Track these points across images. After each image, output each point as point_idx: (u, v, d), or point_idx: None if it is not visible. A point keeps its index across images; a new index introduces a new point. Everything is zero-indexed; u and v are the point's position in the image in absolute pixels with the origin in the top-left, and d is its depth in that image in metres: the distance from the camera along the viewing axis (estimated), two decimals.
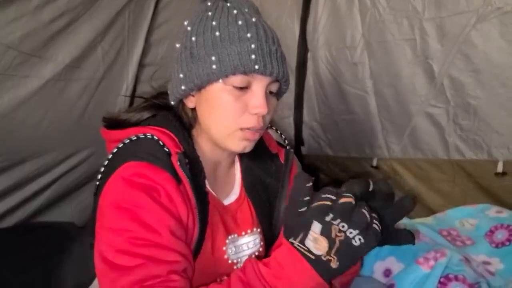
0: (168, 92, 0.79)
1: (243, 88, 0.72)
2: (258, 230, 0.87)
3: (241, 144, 0.76)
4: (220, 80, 0.71)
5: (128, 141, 0.73)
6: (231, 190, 0.88)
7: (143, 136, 0.73)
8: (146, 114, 0.80)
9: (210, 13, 0.73)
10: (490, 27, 1.32)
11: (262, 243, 0.88)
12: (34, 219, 1.42)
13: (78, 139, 1.44)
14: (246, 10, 0.74)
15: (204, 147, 0.81)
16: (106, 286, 0.65)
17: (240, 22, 0.71)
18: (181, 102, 0.80)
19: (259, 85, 0.72)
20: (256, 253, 0.87)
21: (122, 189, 0.67)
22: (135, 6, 1.40)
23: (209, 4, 0.75)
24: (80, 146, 1.46)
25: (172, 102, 0.79)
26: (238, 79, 0.71)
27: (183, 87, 0.74)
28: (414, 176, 1.73)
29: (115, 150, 0.73)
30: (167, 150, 0.71)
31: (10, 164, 1.24)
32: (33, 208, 1.39)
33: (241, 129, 0.74)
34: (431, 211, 1.60)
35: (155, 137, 0.72)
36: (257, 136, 0.77)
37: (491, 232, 1.25)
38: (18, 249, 1.23)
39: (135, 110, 0.81)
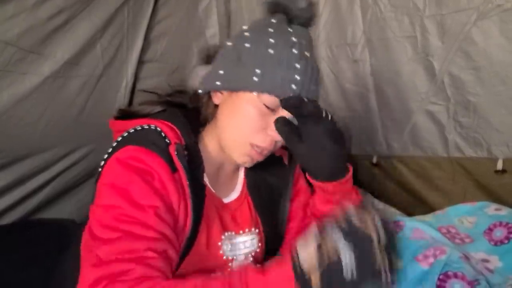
0: (200, 80, 0.81)
1: (271, 109, 0.75)
2: (257, 230, 0.89)
3: (244, 158, 0.78)
4: (255, 93, 0.73)
5: (133, 130, 0.75)
6: (233, 189, 0.89)
7: (147, 127, 0.75)
8: (156, 108, 0.82)
9: (271, 30, 0.75)
10: (490, 24, 1.31)
11: (260, 244, 0.89)
12: (34, 216, 1.43)
13: (78, 136, 1.44)
14: (303, 42, 0.76)
15: (211, 147, 0.82)
16: (84, 255, 0.67)
17: (294, 51, 0.74)
18: (208, 95, 0.82)
19: (285, 113, 0.75)
20: (253, 253, 0.88)
21: (117, 170, 0.70)
22: (134, 3, 1.40)
23: (273, 21, 0.77)
24: (80, 143, 1.46)
25: (200, 91, 0.81)
26: (270, 99, 0.73)
27: (218, 83, 0.76)
28: (413, 174, 1.72)
29: (119, 139, 0.75)
30: (167, 141, 0.73)
31: (9, 161, 1.24)
32: (33, 205, 1.40)
33: (251, 145, 0.76)
34: (430, 209, 1.60)
35: (158, 128, 0.74)
36: (261, 158, 0.79)
37: (490, 230, 1.25)
38: (18, 246, 1.23)
39: (148, 103, 0.83)
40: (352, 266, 0.52)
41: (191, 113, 0.83)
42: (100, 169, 0.75)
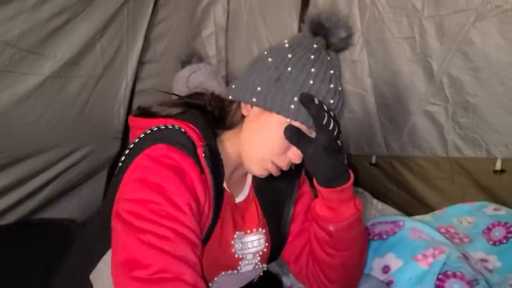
0: (234, 86, 0.81)
1: None
2: (263, 230, 0.91)
3: (262, 172, 0.81)
4: (288, 120, 0.75)
5: (156, 128, 0.75)
6: (242, 190, 0.91)
7: (171, 127, 0.75)
8: (176, 110, 0.82)
9: (312, 57, 0.77)
10: (489, 25, 1.32)
11: (266, 244, 0.90)
12: (35, 216, 1.43)
13: (78, 136, 1.44)
14: (338, 73, 0.79)
15: (230, 151, 0.84)
16: (126, 240, 0.66)
17: (331, 86, 0.76)
18: (238, 103, 0.82)
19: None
20: (260, 253, 0.89)
21: (150, 166, 0.70)
22: (134, 3, 1.40)
23: (315, 46, 0.78)
24: (80, 143, 1.46)
25: (230, 97, 0.81)
26: (300, 127, 0.76)
27: (254, 100, 0.77)
28: (412, 174, 1.73)
29: (142, 135, 0.75)
30: (192, 142, 0.74)
31: (10, 161, 1.24)
32: (33, 205, 1.40)
33: (272, 162, 0.78)
34: (429, 209, 1.61)
35: (182, 129, 0.75)
36: (277, 173, 0.81)
37: (489, 229, 1.25)
38: (18, 246, 1.23)
39: (167, 104, 0.84)
40: None
41: (209, 115, 0.84)
42: (120, 164, 0.76)
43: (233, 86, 0.82)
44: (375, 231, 1.19)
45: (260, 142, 0.78)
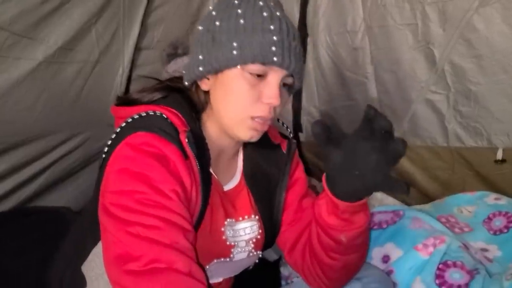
0: (184, 72, 0.81)
1: (259, 77, 0.74)
2: (256, 217, 0.89)
3: (249, 133, 0.77)
4: (238, 66, 0.73)
5: (137, 116, 0.74)
6: (232, 177, 0.89)
7: (152, 113, 0.74)
8: (157, 95, 0.81)
9: (236, 2, 0.75)
10: (492, 11, 1.29)
11: (260, 231, 0.89)
12: (30, 204, 1.41)
13: (74, 123, 1.42)
14: (271, 4, 0.76)
15: (212, 132, 0.82)
16: (114, 234, 0.65)
17: (265, 14, 0.73)
18: (194, 84, 0.81)
19: (274, 77, 0.74)
20: (254, 240, 0.88)
21: (132, 155, 0.68)
22: None
23: None
24: (76, 130, 1.44)
25: (186, 83, 0.81)
26: (255, 68, 0.73)
27: (200, 69, 0.76)
28: (412, 163, 1.72)
29: (123, 124, 0.74)
30: (175, 128, 0.72)
31: (5, 148, 1.22)
32: (29, 193, 1.38)
33: (252, 117, 0.75)
34: (429, 199, 1.60)
35: (164, 115, 0.73)
36: (265, 127, 0.78)
37: (489, 219, 1.25)
38: (14, 234, 1.22)
39: (147, 90, 0.82)
40: None
41: (192, 99, 0.82)
42: (104, 155, 0.74)
43: (184, 72, 0.81)
44: (375, 220, 1.18)
45: (230, 104, 0.76)
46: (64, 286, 0.85)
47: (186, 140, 0.71)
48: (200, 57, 0.76)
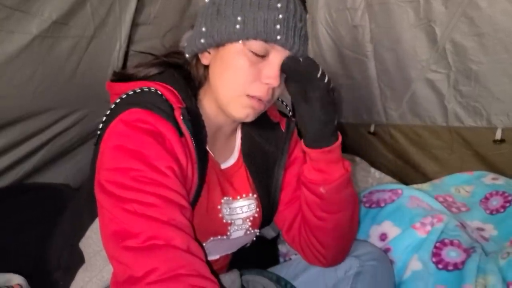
0: (185, 44, 0.79)
1: (260, 56, 0.72)
2: (254, 195, 0.89)
3: (245, 111, 0.76)
4: (240, 41, 0.72)
5: (132, 92, 0.73)
6: (230, 155, 0.88)
7: (147, 89, 0.73)
8: (153, 70, 0.79)
9: None
10: None
11: (258, 209, 0.89)
12: (29, 180, 1.41)
13: (71, 100, 1.40)
14: None
15: (208, 109, 0.80)
16: (111, 211, 0.65)
17: None
18: (195, 57, 0.80)
19: (276, 56, 0.73)
20: (251, 218, 0.88)
21: (126, 132, 0.67)
22: None
23: None
24: (74, 106, 1.42)
25: (187, 55, 0.79)
26: (257, 45, 0.71)
27: (202, 41, 0.74)
28: (411, 143, 1.72)
29: (117, 100, 0.73)
30: (170, 104, 0.71)
31: (2, 124, 1.21)
32: (27, 169, 1.38)
33: (248, 96, 0.74)
34: (427, 178, 1.61)
35: (159, 92, 0.72)
36: (262, 107, 0.77)
37: (486, 199, 1.25)
38: (13, 210, 1.22)
39: (143, 65, 0.80)
40: None
41: (189, 74, 0.81)
42: (98, 132, 0.73)
43: (185, 44, 0.80)
44: (373, 199, 1.18)
45: (228, 80, 0.75)
46: (62, 263, 0.85)
47: (181, 117, 0.70)
48: (203, 29, 0.74)
